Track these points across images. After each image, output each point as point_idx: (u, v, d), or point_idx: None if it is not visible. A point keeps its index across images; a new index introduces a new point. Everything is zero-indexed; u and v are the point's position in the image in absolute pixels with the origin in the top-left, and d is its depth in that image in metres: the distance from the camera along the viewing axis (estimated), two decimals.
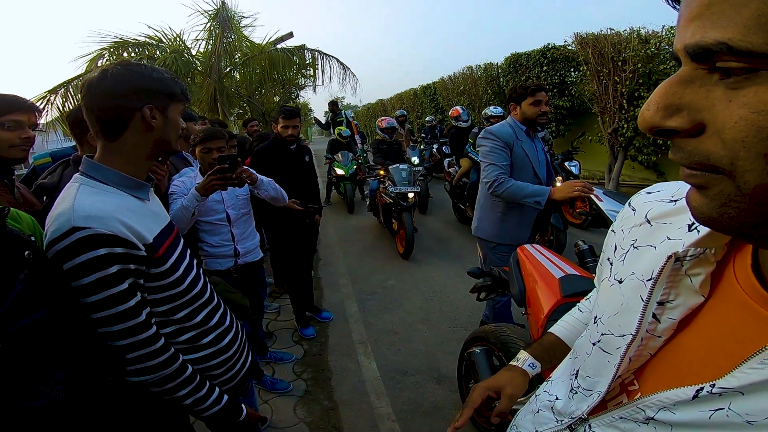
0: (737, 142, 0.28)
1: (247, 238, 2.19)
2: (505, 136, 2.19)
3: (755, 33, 0.25)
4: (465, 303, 3.25)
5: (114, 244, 0.83)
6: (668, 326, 0.43)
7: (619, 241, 0.53)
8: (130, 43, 7.27)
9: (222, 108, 7.86)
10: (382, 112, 17.43)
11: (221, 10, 7.67)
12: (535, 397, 0.66)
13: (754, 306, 0.37)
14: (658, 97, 0.32)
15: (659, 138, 0.33)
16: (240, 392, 1.20)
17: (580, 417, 0.50)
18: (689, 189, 0.34)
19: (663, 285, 0.43)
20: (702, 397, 0.36)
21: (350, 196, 6.65)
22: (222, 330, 1.10)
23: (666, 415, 0.39)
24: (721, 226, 0.32)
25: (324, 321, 3.18)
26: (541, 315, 1.34)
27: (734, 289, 0.39)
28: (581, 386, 0.52)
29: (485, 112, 5.19)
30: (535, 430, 0.58)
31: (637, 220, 0.51)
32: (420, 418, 2.13)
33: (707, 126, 0.30)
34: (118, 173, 0.92)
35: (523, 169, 2.21)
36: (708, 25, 0.27)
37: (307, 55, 8.36)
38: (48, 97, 6.54)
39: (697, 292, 0.42)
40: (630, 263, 0.49)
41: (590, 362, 0.51)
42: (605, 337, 0.49)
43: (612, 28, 6.06)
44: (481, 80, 10.06)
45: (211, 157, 1.95)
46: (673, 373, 0.42)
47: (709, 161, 0.30)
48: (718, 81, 0.29)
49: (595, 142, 6.89)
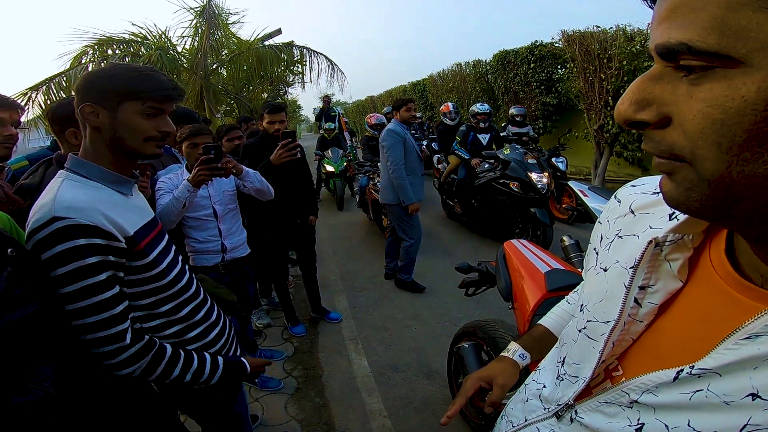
0: (696, 133, 0.30)
1: (234, 234, 2.19)
2: (400, 133, 3.34)
3: (710, 34, 0.28)
4: (454, 298, 3.28)
5: (94, 235, 0.83)
6: (649, 311, 0.45)
7: (605, 231, 0.55)
8: (114, 41, 7.14)
9: (209, 105, 7.77)
10: (371, 109, 17.39)
11: (207, 7, 7.56)
12: (525, 386, 0.67)
13: (727, 289, 0.39)
14: (632, 92, 0.34)
15: (633, 129, 0.36)
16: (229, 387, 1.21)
17: (567, 403, 0.51)
18: (662, 176, 0.36)
19: (644, 270, 0.45)
20: (682, 378, 0.38)
21: (340, 193, 6.64)
22: (208, 324, 1.11)
23: (649, 398, 0.41)
24: (688, 209, 0.34)
25: (332, 321, 3.14)
26: (527, 309, 1.36)
27: (710, 273, 0.41)
28: (567, 373, 0.53)
29: (472, 109, 5.21)
30: (524, 418, 0.59)
31: (621, 210, 0.54)
32: (411, 413, 2.15)
33: (673, 119, 0.32)
34: (101, 168, 0.93)
35: (411, 154, 3.40)
36: (673, 26, 0.30)
37: (296, 52, 8.30)
38: (30, 94, 6.40)
39: (676, 277, 0.44)
40: (614, 252, 0.51)
41: (576, 349, 0.53)
42: (590, 323, 0.50)
43: (598, 26, 6.14)
44: (470, 77, 10.10)
45: (197, 152, 1.96)
46: (654, 356, 0.43)
47: (673, 150, 0.32)
48: (682, 78, 0.31)
49: (581, 138, 6.99)
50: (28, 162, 1.86)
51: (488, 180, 4.45)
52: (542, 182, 4.02)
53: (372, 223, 5.32)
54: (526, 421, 0.59)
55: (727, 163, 0.29)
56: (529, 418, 0.58)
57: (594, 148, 6.57)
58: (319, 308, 3.17)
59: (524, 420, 0.59)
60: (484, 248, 4.45)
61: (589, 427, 0.47)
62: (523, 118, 6.01)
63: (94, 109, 0.89)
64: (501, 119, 8.35)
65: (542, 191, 3.99)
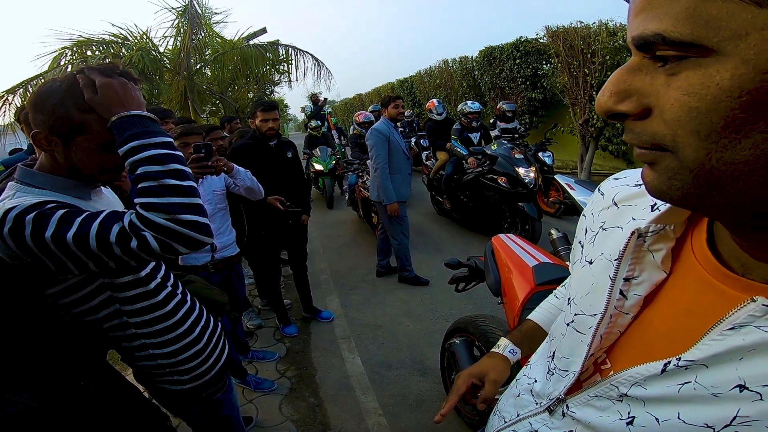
0: (675, 122, 0.31)
1: (223, 233, 2.20)
2: (384, 132, 3.33)
3: (683, 24, 0.28)
4: (446, 294, 3.30)
5: (48, 202, 0.82)
6: (635, 303, 0.45)
7: (590, 224, 0.56)
8: (93, 42, 6.99)
9: (193, 105, 7.66)
10: (360, 107, 17.35)
11: (190, 7, 7.45)
12: (516, 381, 0.67)
13: (710, 279, 0.39)
14: (612, 84, 0.35)
15: (614, 121, 0.37)
16: (217, 387, 1.20)
17: (558, 397, 0.51)
18: (644, 167, 0.36)
19: (628, 261, 0.46)
20: (670, 371, 0.38)
21: (329, 192, 6.62)
22: (191, 322, 1.10)
23: (638, 391, 0.41)
24: (671, 198, 0.35)
25: (325, 321, 3.13)
26: (516, 304, 1.38)
27: (692, 263, 0.42)
28: (557, 367, 0.53)
29: (462, 108, 5.22)
30: (516, 413, 0.59)
31: (605, 203, 0.54)
32: (406, 411, 2.16)
33: (653, 109, 0.33)
34: (51, 177, 0.91)
35: (397, 152, 3.40)
36: (648, 18, 0.30)
37: (281, 51, 8.23)
38: (6, 97, 6.24)
39: (660, 267, 0.44)
40: (599, 244, 0.52)
41: (565, 343, 0.53)
42: (578, 317, 0.51)
43: (581, 21, 6.21)
44: (457, 74, 10.14)
45: (187, 151, 1.98)
46: (642, 349, 0.44)
47: (655, 140, 0.33)
48: (659, 68, 0.32)
49: (567, 133, 7.07)
50: (4, 167, 1.81)
51: (476, 175, 4.48)
52: (529, 177, 4.06)
53: (362, 220, 5.31)
54: (518, 416, 0.59)
55: (706, 150, 0.30)
56: (521, 414, 0.58)
57: (579, 142, 6.66)
58: (310, 308, 3.16)
59: (516, 415, 0.59)
60: (474, 243, 4.48)
61: (581, 421, 0.47)
62: (513, 113, 6.06)
63: (45, 138, 0.87)
64: (488, 115, 8.40)
65: (530, 186, 4.04)
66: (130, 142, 0.84)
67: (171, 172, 0.85)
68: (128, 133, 0.85)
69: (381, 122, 3.43)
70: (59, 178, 0.91)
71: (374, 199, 3.56)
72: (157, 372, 1.07)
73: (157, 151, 0.85)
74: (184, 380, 1.10)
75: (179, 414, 1.26)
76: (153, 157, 0.84)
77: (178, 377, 1.08)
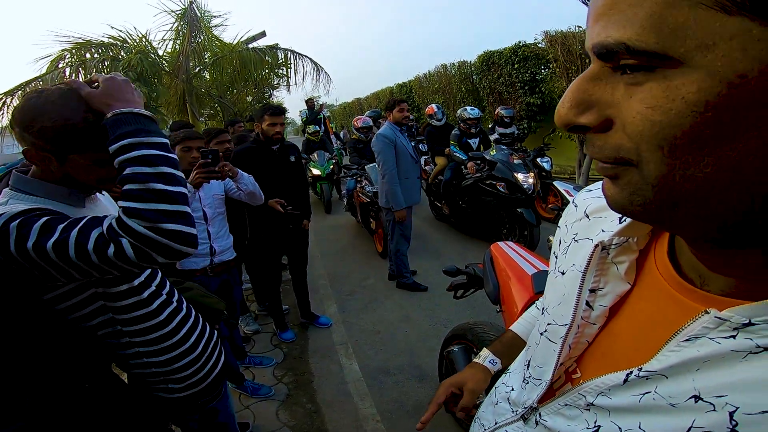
0: (637, 135, 0.29)
1: (222, 237, 2.22)
2: (390, 136, 3.26)
3: (648, 32, 0.27)
4: (444, 300, 3.29)
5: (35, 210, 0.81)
6: (600, 313, 0.46)
7: (563, 235, 0.56)
8: (93, 44, 7.00)
9: (191, 109, 7.67)
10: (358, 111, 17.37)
11: (189, 10, 7.47)
12: (495, 389, 0.68)
13: (670, 290, 0.39)
14: (572, 93, 0.33)
15: (575, 134, 0.35)
16: (212, 396, 1.20)
17: (531, 406, 0.52)
18: (604, 180, 0.35)
19: (593, 273, 0.46)
20: (631, 381, 0.38)
21: (327, 196, 6.62)
22: (186, 330, 1.10)
23: (604, 401, 0.41)
24: (632, 213, 0.34)
25: (322, 327, 3.12)
26: (515, 312, 1.38)
27: (654, 275, 0.42)
28: (532, 376, 0.54)
29: (461, 114, 5.23)
30: (495, 421, 0.60)
31: (578, 215, 0.55)
32: (404, 417, 2.15)
33: (614, 121, 0.31)
34: (43, 184, 0.89)
35: (404, 156, 3.33)
36: (610, 25, 0.29)
37: (280, 55, 8.26)
38: (4, 99, 6.23)
39: (623, 279, 0.44)
40: (571, 255, 0.52)
41: (539, 352, 0.53)
42: (551, 326, 0.51)
43: (579, 26, 6.24)
44: (455, 78, 10.17)
45: (191, 155, 2.03)
46: (608, 359, 0.44)
47: (619, 154, 0.31)
48: (620, 77, 0.30)
49: (565, 138, 7.10)
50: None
51: (475, 181, 4.49)
52: (528, 182, 4.07)
53: (360, 225, 5.31)
54: (496, 424, 0.59)
55: (669, 166, 0.29)
56: (498, 421, 0.59)
57: (577, 147, 6.68)
58: (308, 313, 3.15)
59: (494, 423, 0.60)
60: (473, 249, 4.48)
61: (552, 429, 0.47)
62: (511, 119, 6.08)
63: (38, 155, 0.84)
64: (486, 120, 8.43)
65: (528, 191, 4.04)
66: (121, 140, 0.81)
67: (160, 176, 0.81)
68: (121, 130, 0.81)
69: (386, 127, 3.38)
70: (52, 185, 0.90)
71: (383, 206, 3.49)
72: (152, 380, 1.06)
73: (148, 151, 0.81)
74: (178, 388, 1.09)
75: (175, 422, 1.25)
76: (143, 157, 0.80)
77: (172, 385, 1.08)
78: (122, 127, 0.82)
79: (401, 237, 3.51)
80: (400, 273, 3.62)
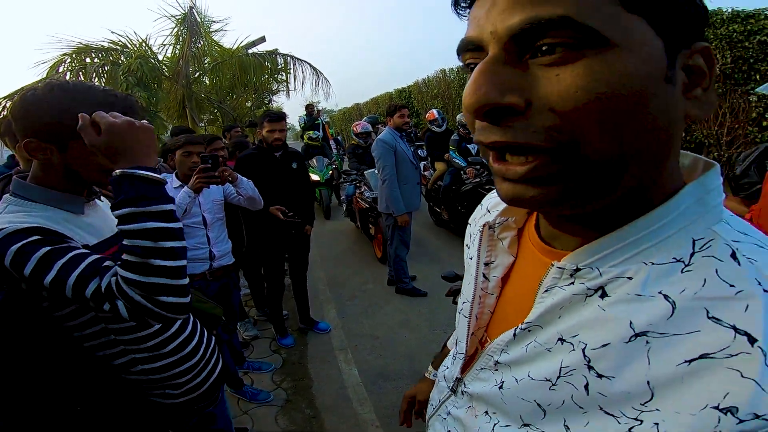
0: (574, 112, 0.30)
1: (221, 242, 2.22)
2: (390, 142, 3.28)
3: (586, 9, 0.29)
4: (444, 305, 3.29)
5: (41, 232, 0.80)
6: (495, 284, 0.53)
7: (472, 230, 0.63)
8: (92, 49, 7.02)
9: (191, 114, 7.68)
10: (357, 116, 17.44)
11: (189, 15, 7.51)
12: (439, 371, 0.74)
13: (537, 255, 0.46)
14: (485, 76, 0.32)
15: (485, 121, 0.34)
16: (210, 401, 1.19)
17: (457, 377, 0.56)
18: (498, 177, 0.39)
19: (485, 249, 0.54)
20: (519, 335, 0.43)
21: (326, 202, 6.61)
22: (184, 337, 1.08)
23: (505, 357, 0.45)
24: (530, 201, 0.36)
25: (321, 332, 3.10)
26: None
27: (528, 245, 0.49)
28: (457, 351, 0.59)
29: (460, 119, 5.24)
30: (438, 399, 0.64)
31: (482, 212, 0.62)
32: None
33: (533, 102, 0.31)
34: (43, 189, 0.89)
35: (404, 161, 3.32)
36: (535, 3, 0.30)
37: (280, 60, 8.30)
38: (4, 103, 6.23)
39: (508, 252, 0.52)
40: (475, 242, 0.59)
41: (459, 328, 0.59)
42: (464, 304, 0.57)
43: None
44: (454, 84, 10.23)
45: (191, 160, 2.05)
46: (506, 323, 0.48)
47: (551, 134, 0.31)
48: (534, 61, 0.31)
49: None
50: None
51: (474, 186, 4.49)
52: None
53: (359, 231, 5.31)
54: (439, 402, 0.63)
55: (610, 138, 0.30)
56: (440, 398, 0.63)
57: None
58: (307, 319, 3.13)
59: (438, 401, 0.64)
60: None
61: (473, 395, 0.52)
62: None
63: (39, 146, 0.84)
64: None
65: None
66: (123, 208, 0.79)
67: (161, 251, 0.79)
68: (122, 196, 0.79)
69: (386, 132, 3.39)
70: (52, 191, 0.89)
71: (383, 211, 3.48)
72: (149, 386, 1.05)
73: (150, 224, 0.79)
74: (176, 394, 1.08)
75: (172, 427, 1.24)
76: (144, 230, 0.78)
77: (170, 391, 1.06)
78: (125, 192, 0.79)
79: (401, 242, 3.51)
80: (399, 278, 3.62)
